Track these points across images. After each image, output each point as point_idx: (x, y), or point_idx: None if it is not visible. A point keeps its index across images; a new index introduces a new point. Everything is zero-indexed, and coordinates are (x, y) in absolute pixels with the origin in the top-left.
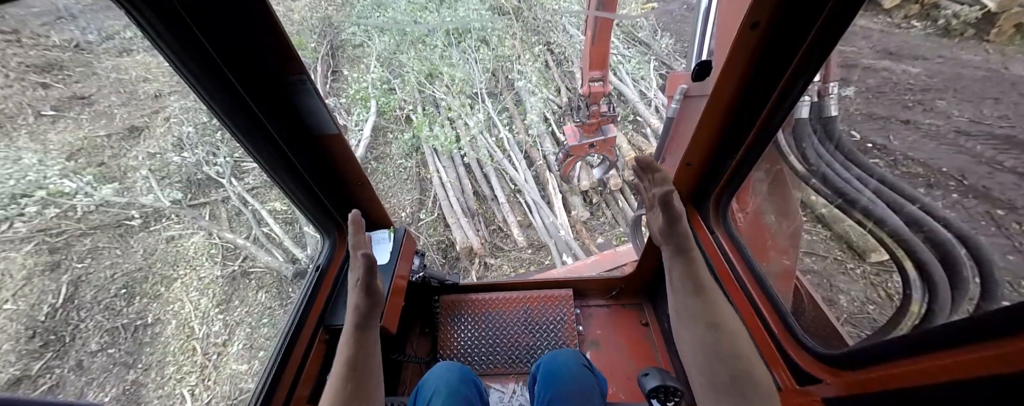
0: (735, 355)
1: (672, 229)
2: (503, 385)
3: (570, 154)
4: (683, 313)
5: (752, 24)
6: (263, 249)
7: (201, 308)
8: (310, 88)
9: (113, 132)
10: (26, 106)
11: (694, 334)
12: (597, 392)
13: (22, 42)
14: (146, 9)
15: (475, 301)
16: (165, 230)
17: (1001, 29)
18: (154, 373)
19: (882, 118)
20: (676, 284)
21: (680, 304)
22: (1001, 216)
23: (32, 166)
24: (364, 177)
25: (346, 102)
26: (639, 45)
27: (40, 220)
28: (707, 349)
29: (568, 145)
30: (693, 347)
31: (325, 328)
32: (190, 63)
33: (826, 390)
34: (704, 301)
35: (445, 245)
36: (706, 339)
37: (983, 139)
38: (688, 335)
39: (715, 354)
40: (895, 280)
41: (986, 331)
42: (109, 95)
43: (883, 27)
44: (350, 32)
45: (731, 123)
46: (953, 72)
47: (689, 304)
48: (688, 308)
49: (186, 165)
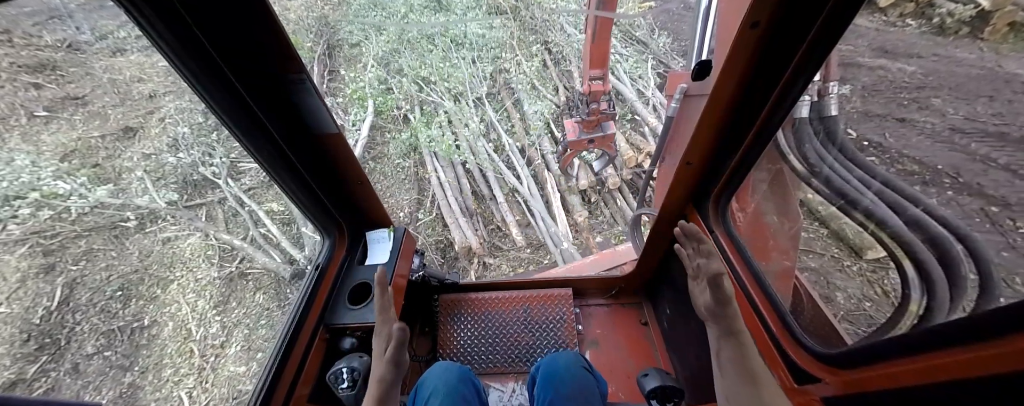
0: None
1: (722, 310)
2: (503, 384)
3: (569, 148)
4: (734, 401)
5: (752, 23)
6: (260, 250)
7: (198, 310)
8: (310, 87)
9: (107, 133)
10: (19, 107)
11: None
12: (597, 394)
13: (14, 42)
14: (146, 8)
15: (474, 300)
16: (161, 231)
17: (995, 27)
18: (151, 375)
19: (877, 116)
20: (726, 367)
21: (731, 391)
22: (995, 213)
23: (25, 167)
24: (364, 176)
25: (343, 102)
26: (636, 44)
27: (34, 222)
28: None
29: (567, 140)
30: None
31: (325, 327)
32: (190, 62)
33: (825, 389)
34: (759, 394)
35: (444, 245)
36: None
37: (977, 136)
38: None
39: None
40: (891, 277)
41: (985, 330)
42: (103, 95)
43: (878, 25)
44: (347, 31)
45: (731, 122)
46: (948, 70)
47: (743, 394)
48: (741, 398)
49: (182, 166)
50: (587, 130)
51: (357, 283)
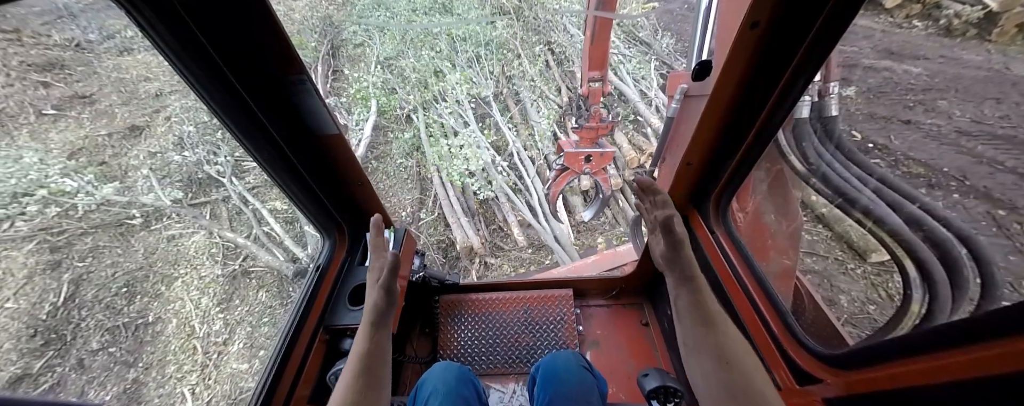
0: (749, 392)
1: (675, 255)
2: (503, 385)
3: (566, 167)
4: (692, 345)
5: (752, 24)
6: (264, 248)
7: (202, 307)
8: (310, 88)
9: (114, 131)
10: (27, 105)
11: (706, 369)
12: (596, 393)
13: (23, 41)
14: (146, 9)
15: (475, 301)
16: (166, 229)
17: (1003, 29)
18: (155, 372)
19: (883, 118)
20: (682, 313)
21: (689, 335)
22: (1002, 216)
23: (33, 165)
24: (364, 177)
25: (347, 101)
26: (640, 45)
27: (41, 219)
28: (721, 388)
29: (563, 156)
30: (706, 383)
31: (325, 328)
32: (190, 63)
33: (826, 390)
34: (714, 333)
35: (445, 245)
36: (720, 377)
37: (984, 139)
38: (700, 369)
39: (729, 393)
40: (896, 280)
41: (986, 331)
42: (110, 94)
43: (885, 27)
44: (351, 31)
45: (731, 123)
46: (954, 72)
47: (698, 336)
48: (697, 340)
49: (187, 164)
50: (585, 143)
51: (357, 284)
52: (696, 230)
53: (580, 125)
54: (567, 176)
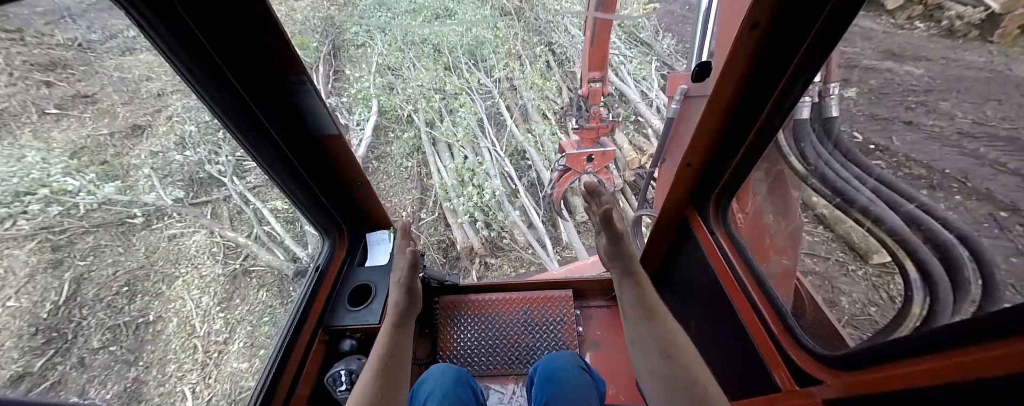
0: (691, 385)
1: (615, 249)
2: (503, 386)
3: (568, 168)
4: (637, 341)
5: (752, 25)
6: (264, 247)
7: (202, 306)
8: (310, 89)
9: (116, 130)
10: (30, 104)
11: (650, 364)
12: (594, 394)
13: (26, 41)
14: (146, 9)
15: (475, 302)
16: (167, 228)
17: (1005, 30)
18: (155, 371)
19: (884, 119)
20: (626, 309)
21: (632, 331)
22: (1004, 218)
23: (35, 164)
24: (364, 178)
25: (348, 101)
26: (641, 46)
27: (43, 218)
28: (665, 383)
29: (565, 157)
30: (651, 378)
31: (325, 329)
32: (190, 63)
33: (826, 391)
34: (655, 327)
35: (445, 245)
36: (662, 371)
37: (986, 141)
38: (645, 365)
39: (673, 387)
40: (897, 282)
41: (987, 332)
42: (112, 94)
43: (886, 28)
44: (352, 32)
45: (731, 123)
46: (956, 73)
47: (641, 331)
48: (640, 335)
49: (188, 163)
50: (586, 143)
51: (357, 285)
52: (696, 231)
53: (580, 125)
54: (570, 176)
